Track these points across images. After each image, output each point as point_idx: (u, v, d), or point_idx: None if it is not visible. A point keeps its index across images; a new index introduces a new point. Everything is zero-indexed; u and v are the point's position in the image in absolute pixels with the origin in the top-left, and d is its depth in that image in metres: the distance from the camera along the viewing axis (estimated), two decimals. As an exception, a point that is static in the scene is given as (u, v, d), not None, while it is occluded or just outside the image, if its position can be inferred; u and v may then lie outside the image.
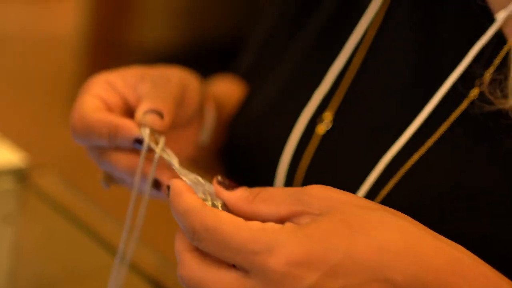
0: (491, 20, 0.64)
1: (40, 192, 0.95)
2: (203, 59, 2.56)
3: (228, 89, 0.86)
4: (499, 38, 0.63)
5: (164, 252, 0.83)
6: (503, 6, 0.64)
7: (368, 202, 0.54)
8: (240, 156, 0.77)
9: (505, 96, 0.61)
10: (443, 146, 0.64)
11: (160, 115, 0.65)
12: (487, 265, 0.53)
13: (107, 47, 3.00)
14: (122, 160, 0.66)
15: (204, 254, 0.53)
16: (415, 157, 0.64)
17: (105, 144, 0.66)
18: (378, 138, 0.67)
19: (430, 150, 0.64)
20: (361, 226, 0.51)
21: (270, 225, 0.51)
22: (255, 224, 0.51)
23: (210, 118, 0.75)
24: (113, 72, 0.70)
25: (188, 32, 3.18)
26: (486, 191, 0.61)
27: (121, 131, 0.65)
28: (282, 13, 0.82)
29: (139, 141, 0.65)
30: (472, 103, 0.63)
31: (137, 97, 0.68)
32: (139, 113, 0.65)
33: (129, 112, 0.69)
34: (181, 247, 0.53)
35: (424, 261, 0.51)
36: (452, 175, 0.63)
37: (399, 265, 0.50)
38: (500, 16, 0.63)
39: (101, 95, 0.67)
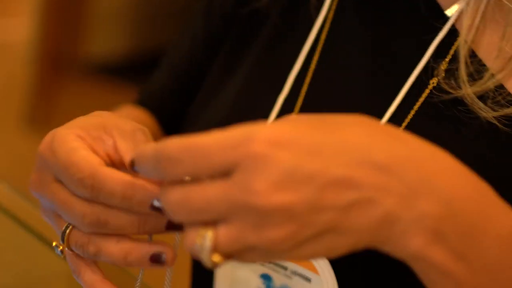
0: (441, 15, 0.67)
1: (-8, 202, 0.95)
2: (153, 70, 2.55)
3: (139, 117, 0.86)
4: (450, 31, 0.66)
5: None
6: (453, 2, 0.66)
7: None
8: None
9: (459, 86, 0.64)
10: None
11: None
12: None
13: (59, 58, 3.01)
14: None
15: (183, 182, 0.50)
16: None
17: (83, 191, 0.57)
18: None
19: None
20: (340, 122, 0.50)
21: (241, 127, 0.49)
22: (225, 130, 0.49)
23: None
24: (74, 126, 0.64)
25: (138, 44, 3.19)
26: None
27: (140, 191, 0.56)
28: (206, 34, 0.83)
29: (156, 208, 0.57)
30: (431, 92, 0.65)
31: (106, 150, 0.64)
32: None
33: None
34: (161, 190, 0.51)
35: (413, 146, 0.49)
36: None
37: (387, 148, 0.48)
38: (453, 12, 0.66)
39: (81, 135, 0.63)
